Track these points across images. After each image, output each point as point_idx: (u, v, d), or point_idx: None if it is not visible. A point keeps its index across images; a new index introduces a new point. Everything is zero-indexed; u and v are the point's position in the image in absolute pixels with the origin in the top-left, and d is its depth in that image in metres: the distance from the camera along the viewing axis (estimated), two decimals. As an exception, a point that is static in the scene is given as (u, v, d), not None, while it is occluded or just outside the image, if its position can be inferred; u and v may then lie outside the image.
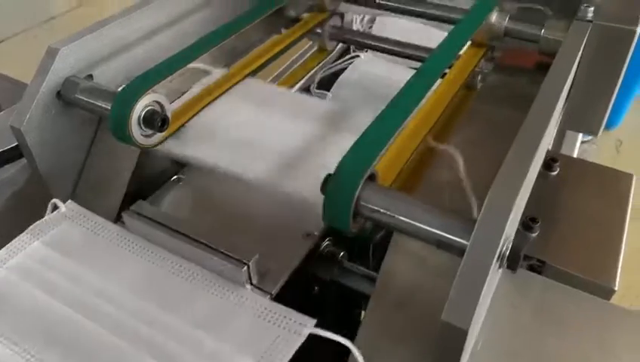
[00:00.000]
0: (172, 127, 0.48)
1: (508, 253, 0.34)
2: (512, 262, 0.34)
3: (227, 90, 0.57)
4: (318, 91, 0.82)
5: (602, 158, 1.97)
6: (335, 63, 0.83)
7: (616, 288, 0.53)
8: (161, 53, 0.57)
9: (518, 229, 0.57)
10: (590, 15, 0.49)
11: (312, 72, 0.76)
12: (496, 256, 0.32)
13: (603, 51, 0.50)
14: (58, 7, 2.70)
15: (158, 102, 0.46)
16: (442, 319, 0.30)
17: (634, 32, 0.48)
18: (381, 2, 0.61)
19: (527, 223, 0.57)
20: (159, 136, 0.46)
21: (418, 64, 0.60)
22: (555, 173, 0.65)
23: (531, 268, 0.56)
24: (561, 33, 0.53)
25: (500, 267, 0.35)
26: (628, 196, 0.64)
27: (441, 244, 0.35)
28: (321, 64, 0.80)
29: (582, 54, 0.51)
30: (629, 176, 0.66)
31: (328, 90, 0.79)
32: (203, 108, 0.52)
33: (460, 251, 0.33)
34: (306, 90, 0.83)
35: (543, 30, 0.54)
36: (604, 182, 0.64)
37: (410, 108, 0.46)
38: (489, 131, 0.55)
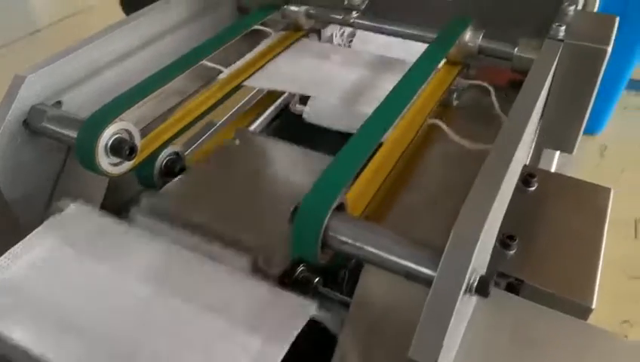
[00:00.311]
0: (142, 155, 0.48)
1: (476, 283, 0.33)
2: (482, 290, 0.33)
3: (201, 113, 0.57)
4: (299, 106, 0.82)
5: (587, 164, 1.99)
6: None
7: (593, 306, 0.53)
8: (135, 75, 0.56)
9: (495, 247, 0.57)
10: (562, 34, 0.49)
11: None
12: (464, 288, 0.32)
13: (575, 70, 0.50)
14: (43, 20, 2.69)
15: (126, 130, 0.45)
16: (409, 356, 0.30)
17: (605, 51, 0.48)
18: (356, 21, 0.61)
19: (504, 241, 0.57)
20: (128, 164, 0.45)
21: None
22: (533, 188, 0.65)
23: (509, 286, 0.56)
24: (534, 51, 0.53)
25: (470, 295, 0.35)
26: (605, 211, 0.64)
27: (409, 275, 0.34)
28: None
29: (554, 73, 0.51)
30: (607, 191, 0.66)
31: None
32: (176, 133, 0.51)
33: (427, 282, 0.33)
34: (285, 107, 0.83)
35: (516, 49, 0.54)
36: (582, 197, 0.65)
37: (381, 133, 0.46)
38: (464, 151, 0.55)
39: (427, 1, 0.61)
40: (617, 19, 0.52)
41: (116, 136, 0.44)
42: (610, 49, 0.48)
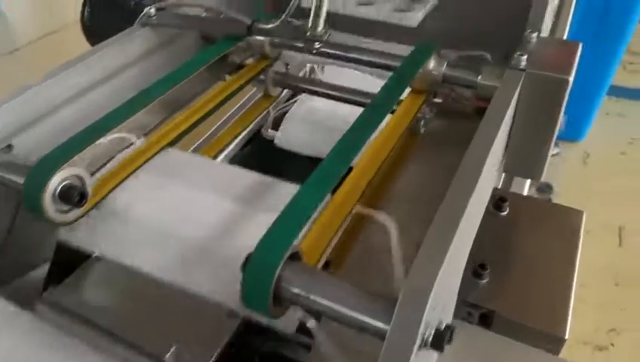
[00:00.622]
0: (95, 198, 0.46)
1: (431, 337, 0.32)
2: (437, 344, 0.32)
3: (156, 153, 0.55)
4: (271, 131, 0.81)
5: (570, 171, 2.00)
6: (287, 103, 0.82)
7: (566, 337, 0.52)
8: (96, 111, 0.55)
9: (467, 276, 0.56)
10: (523, 64, 0.49)
11: (260, 116, 0.74)
12: (418, 343, 0.31)
13: (537, 99, 0.49)
14: (22, 39, 2.66)
15: (77, 176, 0.43)
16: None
17: (566, 81, 0.47)
18: (321, 50, 0.60)
19: (476, 270, 0.56)
20: (79, 211, 0.44)
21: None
22: (505, 212, 0.65)
23: (483, 317, 0.55)
24: (497, 79, 0.52)
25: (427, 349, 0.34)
26: (578, 234, 0.63)
27: (363, 329, 0.33)
28: (272, 105, 0.79)
29: (517, 102, 0.50)
30: (579, 214, 0.65)
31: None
32: (128, 175, 0.50)
33: (381, 336, 0.31)
34: (257, 132, 0.82)
35: (479, 77, 0.53)
36: (554, 221, 0.64)
37: (343, 168, 0.44)
38: (430, 181, 0.54)
39: (391, 27, 0.60)
40: (580, 46, 0.51)
41: (65, 182, 0.42)
42: (571, 78, 0.47)
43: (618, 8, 1.71)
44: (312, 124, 0.78)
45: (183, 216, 0.45)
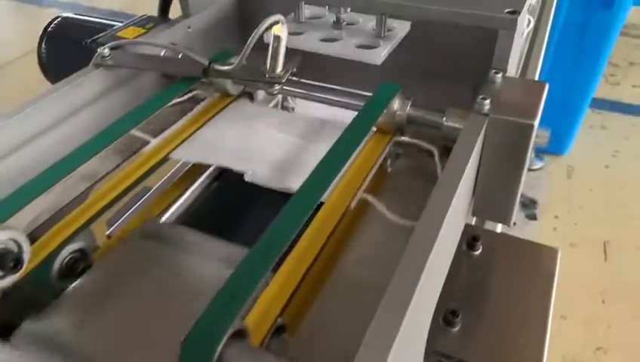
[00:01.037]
0: (37, 258, 0.43)
1: None
2: None
3: (119, 195, 0.53)
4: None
5: (554, 186, 1.99)
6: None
7: (541, 387, 0.50)
8: (45, 158, 0.52)
9: (438, 324, 0.54)
10: (486, 108, 0.47)
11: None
12: None
13: (503, 144, 0.47)
14: (6, 56, 2.64)
15: (12, 240, 0.41)
16: None
17: (531, 127, 0.45)
18: (284, 87, 0.58)
19: (447, 318, 0.54)
20: (14, 276, 0.41)
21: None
22: (478, 251, 0.62)
23: (454, 368, 0.53)
24: (462, 121, 0.50)
25: None
26: (553, 274, 0.61)
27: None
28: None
29: (483, 145, 0.48)
30: (554, 251, 0.63)
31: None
32: (78, 230, 0.47)
33: None
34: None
35: (444, 118, 0.52)
36: (528, 260, 0.62)
37: (301, 220, 0.42)
38: (393, 235, 0.52)
39: (356, 66, 0.58)
40: (547, 86, 0.49)
41: (-1, 247, 0.40)
42: (537, 123, 0.45)
43: (598, 23, 1.71)
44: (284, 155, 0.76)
45: None
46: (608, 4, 1.64)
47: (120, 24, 0.66)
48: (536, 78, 0.69)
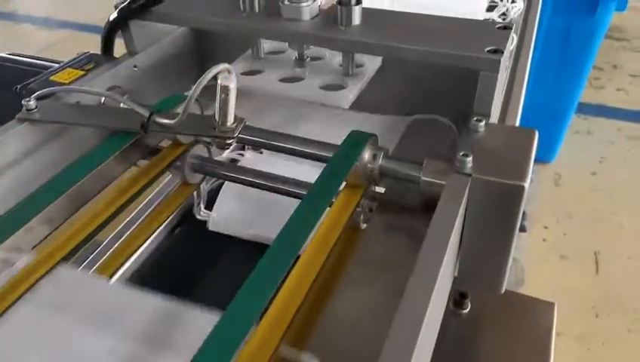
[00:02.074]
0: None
1: None
2: None
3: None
4: (204, 213, 0.71)
5: (543, 194, 1.94)
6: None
7: None
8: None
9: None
10: (469, 167, 0.40)
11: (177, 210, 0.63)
12: None
13: (489, 207, 0.41)
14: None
15: None
16: None
17: (522, 188, 0.39)
18: (243, 136, 0.51)
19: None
20: None
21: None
22: (466, 310, 0.56)
23: None
24: (443, 176, 0.44)
25: None
26: (550, 333, 0.55)
27: None
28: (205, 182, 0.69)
29: (467, 207, 0.42)
30: (550, 306, 0.57)
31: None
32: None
33: None
34: (188, 213, 0.72)
35: (421, 172, 0.45)
36: (523, 317, 0.56)
37: (273, 287, 0.36)
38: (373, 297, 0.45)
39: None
40: (537, 135, 0.43)
41: None
42: (527, 183, 0.39)
43: (581, 29, 1.67)
44: (251, 200, 0.69)
45: None
46: (591, 9, 1.60)
47: (57, 65, 0.58)
48: (519, 108, 0.63)
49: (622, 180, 1.95)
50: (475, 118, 0.44)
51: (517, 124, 0.66)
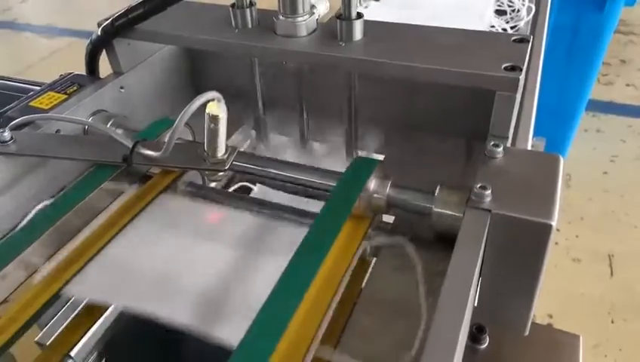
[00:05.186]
0: None
1: None
2: None
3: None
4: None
5: (553, 196, 1.89)
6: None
7: None
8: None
9: None
10: (487, 202, 0.36)
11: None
12: None
13: (512, 246, 0.36)
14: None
15: None
16: None
17: (549, 227, 0.34)
18: (237, 164, 0.46)
19: None
20: None
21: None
22: (484, 346, 0.52)
23: None
24: (457, 208, 0.39)
25: None
26: (577, 369, 0.50)
27: None
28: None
29: (486, 243, 0.37)
30: (575, 339, 0.52)
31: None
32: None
33: None
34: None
35: (433, 204, 0.41)
36: (545, 352, 0.51)
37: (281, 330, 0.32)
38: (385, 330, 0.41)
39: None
40: (562, 161, 0.39)
41: None
42: (555, 222, 0.34)
43: (589, 25, 1.61)
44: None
45: None
46: (600, 5, 1.54)
47: (38, 88, 0.54)
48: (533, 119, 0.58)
49: (634, 179, 1.90)
50: (492, 143, 0.39)
51: (530, 135, 0.62)
